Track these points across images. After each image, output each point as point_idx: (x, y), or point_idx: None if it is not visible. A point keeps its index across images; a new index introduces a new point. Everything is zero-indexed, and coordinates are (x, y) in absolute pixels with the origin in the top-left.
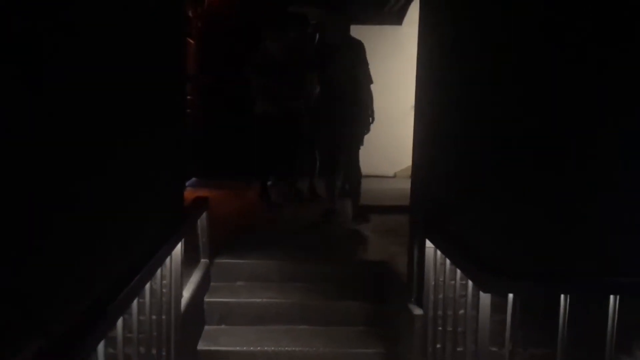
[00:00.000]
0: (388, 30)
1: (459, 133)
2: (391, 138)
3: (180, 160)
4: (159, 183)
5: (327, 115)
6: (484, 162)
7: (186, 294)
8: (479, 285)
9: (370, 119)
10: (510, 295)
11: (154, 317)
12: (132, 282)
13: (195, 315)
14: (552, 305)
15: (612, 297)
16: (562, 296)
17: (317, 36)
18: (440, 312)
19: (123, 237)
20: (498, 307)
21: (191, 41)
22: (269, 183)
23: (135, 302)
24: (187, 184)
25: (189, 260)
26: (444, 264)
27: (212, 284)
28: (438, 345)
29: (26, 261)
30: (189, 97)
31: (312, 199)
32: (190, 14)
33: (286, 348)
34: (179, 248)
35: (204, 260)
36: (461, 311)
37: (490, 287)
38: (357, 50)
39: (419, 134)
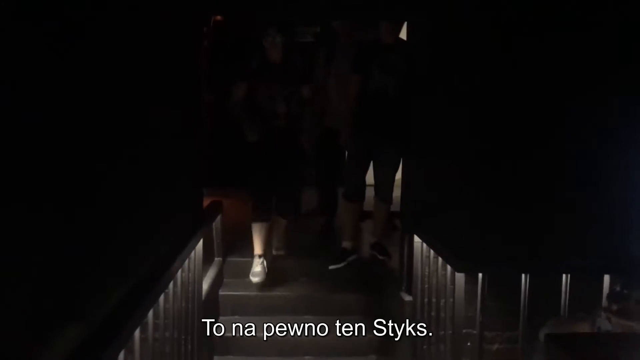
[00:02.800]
0: None
1: (438, 148)
2: None
3: (199, 168)
4: (181, 188)
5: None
6: (458, 172)
7: (204, 286)
8: (454, 267)
9: None
10: (480, 275)
11: (182, 304)
12: (165, 272)
13: (212, 307)
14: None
15: (564, 276)
16: (523, 275)
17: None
18: (426, 300)
19: (152, 234)
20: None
21: None
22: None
23: (164, 291)
24: None
25: (205, 259)
26: (429, 256)
27: (225, 280)
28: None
29: (67, 253)
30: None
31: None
32: None
33: (292, 335)
34: (200, 245)
35: (217, 259)
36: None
37: (462, 268)
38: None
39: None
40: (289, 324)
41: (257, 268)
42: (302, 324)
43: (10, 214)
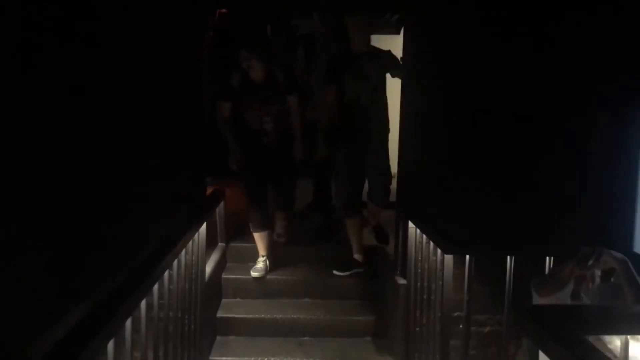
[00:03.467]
0: (387, 39)
1: (431, 142)
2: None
3: (202, 159)
4: (187, 177)
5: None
6: (449, 164)
7: (207, 269)
8: (443, 250)
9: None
10: (467, 257)
11: (185, 285)
12: (170, 251)
13: (215, 289)
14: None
15: (547, 258)
16: (508, 258)
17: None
18: (419, 283)
19: (159, 217)
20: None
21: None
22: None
23: (167, 273)
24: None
25: (208, 244)
26: (422, 242)
27: (227, 264)
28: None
29: (71, 236)
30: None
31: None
32: None
33: (291, 316)
34: (204, 228)
35: (221, 244)
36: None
37: (451, 250)
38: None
39: (404, 142)
40: (288, 306)
41: (260, 265)
42: (301, 306)
43: (23, 195)
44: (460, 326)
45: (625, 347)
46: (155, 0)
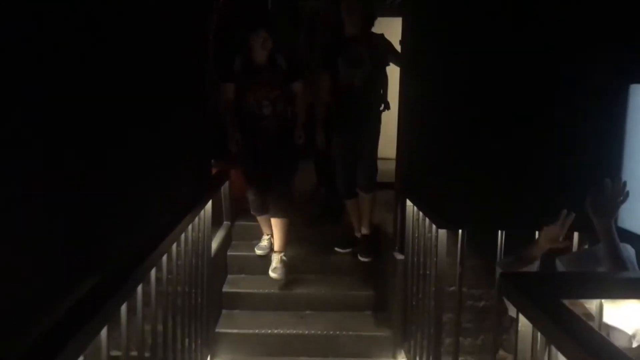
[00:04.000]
0: (388, 21)
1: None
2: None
3: (208, 140)
4: (193, 157)
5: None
6: (444, 144)
7: (213, 246)
8: (437, 224)
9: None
10: (460, 231)
11: (192, 261)
12: (177, 226)
13: (220, 265)
14: None
15: (537, 232)
16: (499, 232)
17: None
18: (416, 258)
19: (166, 195)
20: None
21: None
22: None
23: (174, 247)
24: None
25: (214, 222)
26: (418, 219)
27: (233, 242)
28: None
29: (86, 210)
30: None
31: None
32: None
33: (294, 291)
34: (209, 206)
35: (226, 222)
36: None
37: (444, 225)
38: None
39: (402, 125)
40: (290, 282)
41: (264, 243)
42: (303, 282)
43: (44, 170)
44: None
45: (600, 310)
46: None
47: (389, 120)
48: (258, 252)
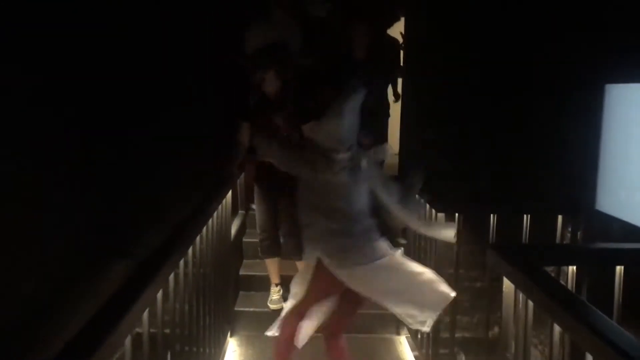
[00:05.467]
0: None
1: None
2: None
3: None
4: (214, 150)
5: None
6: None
7: (231, 232)
8: (436, 209)
9: None
10: (457, 215)
11: (213, 245)
12: (204, 212)
13: (237, 251)
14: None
15: (525, 216)
16: (492, 215)
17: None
18: (417, 243)
19: (192, 185)
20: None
21: None
22: None
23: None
24: None
25: (231, 211)
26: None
27: (247, 230)
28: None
29: (117, 198)
30: None
31: None
32: None
33: None
34: (229, 195)
35: (241, 212)
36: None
37: (442, 209)
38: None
39: (405, 118)
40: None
41: (275, 296)
42: None
43: (79, 160)
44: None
45: (573, 275)
46: None
47: (391, 121)
48: (272, 306)
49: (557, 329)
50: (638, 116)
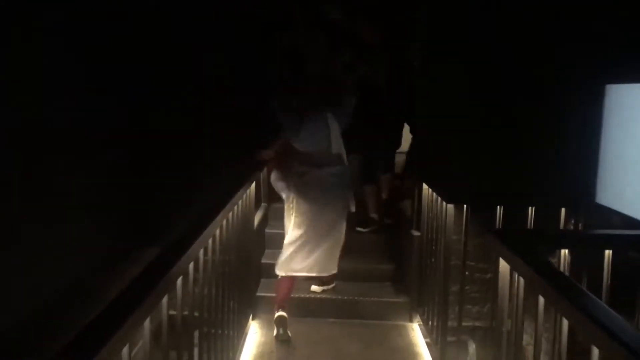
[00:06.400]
0: None
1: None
2: None
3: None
4: (239, 147)
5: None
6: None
7: (255, 222)
8: (445, 200)
9: None
10: (465, 206)
11: (237, 235)
12: (229, 200)
13: (260, 241)
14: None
15: (530, 208)
16: (498, 207)
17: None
18: (429, 235)
19: (218, 179)
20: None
21: None
22: None
23: (224, 222)
24: None
25: (254, 203)
26: (432, 199)
27: (269, 222)
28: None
29: (149, 188)
30: None
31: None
32: None
33: None
34: (253, 186)
35: (264, 204)
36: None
37: (451, 200)
38: None
39: (419, 119)
40: None
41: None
42: None
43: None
44: (467, 273)
45: (564, 257)
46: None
47: None
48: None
49: (541, 300)
50: (637, 116)
